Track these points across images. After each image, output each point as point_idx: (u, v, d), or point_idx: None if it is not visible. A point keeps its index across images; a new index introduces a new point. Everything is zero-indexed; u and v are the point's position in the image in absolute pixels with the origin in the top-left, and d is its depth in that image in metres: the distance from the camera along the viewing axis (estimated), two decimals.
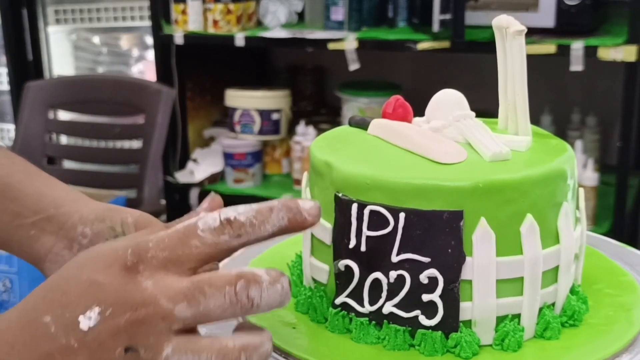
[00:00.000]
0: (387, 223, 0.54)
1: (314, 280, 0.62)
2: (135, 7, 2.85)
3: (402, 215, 0.54)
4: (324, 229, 0.59)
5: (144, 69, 3.01)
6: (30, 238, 0.67)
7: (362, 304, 0.57)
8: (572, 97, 2.43)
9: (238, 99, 2.44)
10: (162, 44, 2.40)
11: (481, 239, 0.54)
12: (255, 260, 0.69)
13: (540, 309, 0.57)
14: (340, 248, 0.57)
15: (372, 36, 2.19)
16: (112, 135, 2.43)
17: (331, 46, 2.19)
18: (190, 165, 2.51)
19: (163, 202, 2.42)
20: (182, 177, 2.47)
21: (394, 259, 0.55)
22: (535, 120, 1.85)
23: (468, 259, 0.54)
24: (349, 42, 2.17)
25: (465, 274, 0.54)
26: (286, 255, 0.68)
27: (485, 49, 2.08)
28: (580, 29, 2.01)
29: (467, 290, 0.55)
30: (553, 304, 0.58)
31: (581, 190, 0.60)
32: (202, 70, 2.57)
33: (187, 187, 2.46)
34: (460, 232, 0.54)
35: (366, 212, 0.55)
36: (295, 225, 0.48)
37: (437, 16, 2.01)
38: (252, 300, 0.46)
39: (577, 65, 1.95)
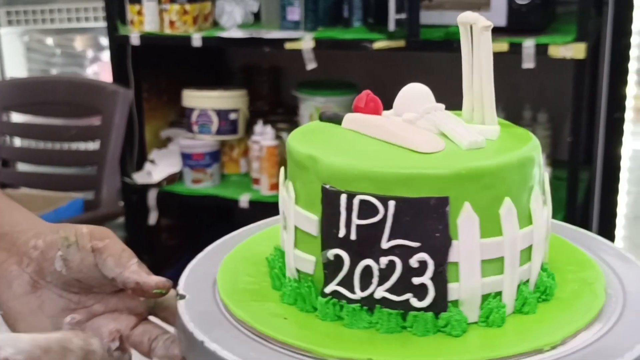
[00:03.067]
0: (376, 211, 0.56)
1: (299, 271, 0.63)
2: (90, 7, 2.83)
3: (391, 204, 0.56)
4: (310, 220, 0.60)
5: (99, 70, 2.99)
6: None
7: (352, 291, 0.59)
8: (523, 94, 2.48)
9: (195, 99, 2.44)
10: (118, 45, 2.39)
11: (465, 222, 0.57)
12: (229, 255, 0.70)
13: (518, 286, 0.61)
14: (329, 238, 0.59)
15: (328, 36, 2.22)
16: (68, 137, 2.42)
17: (288, 46, 2.21)
18: (147, 166, 2.50)
19: (121, 203, 2.41)
20: (139, 178, 2.46)
21: (385, 245, 0.57)
22: None
23: (454, 242, 0.57)
24: (306, 42, 2.19)
25: (452, 257, 0.57)
26: (259, 251, 0.69)
27: (439, 48, 2.12)
28: (531, 27, 2.06)
29: (454, 271, 0.57)
30: (527, 281, 0.62)
31: (546, 174, 0.64)
32: (158, 70, 2.56)
33: (145, 188, 2.45)
34: (446, 217, 0.56)
35: (355, 201, 0.57)
36: None
37: (392, 16, 2.04)
38: None
39: (528, 62, 1.99)
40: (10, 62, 2.98)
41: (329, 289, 0.60)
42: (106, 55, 2.80)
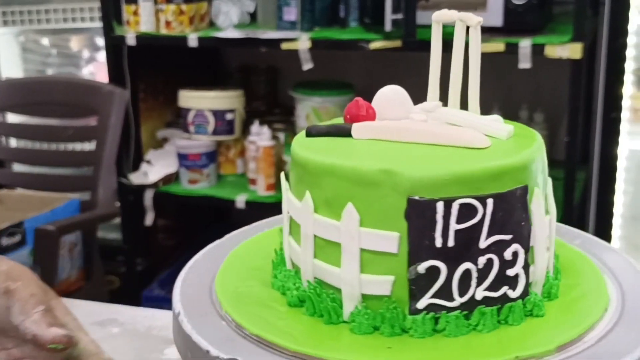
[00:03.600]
0: (475, 212, 0.57)
1: (367, 297, 0.60)
2: (85, 8, 2.82)
3: (489, 202, 0.57)
4: (387, 239, 0.58)
5: (95, 70, 2.98)
6: None
7: (451, 299, 0.58)
8: (520, 94, 2.48)
9: (192, 99, 2.44)
10: (114, 45, 2.39)
11: (537, 207, 0.60)
12: (226, 296, 0.65)
13: None
14: (419, 251, 0.57)
15: (325, 36, 2.21)
16: (64, 138, 2.41)
17: (285, 46, 2.21)
18: (144, 166, 2.50)
19: (117, 204, 2.40)
20: (136, 178, 2.46)
21: (483, 244, 0.57)
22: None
23: (532, 227, 0.60)
24: (303, 42, 2.19)
25: (531, 242, 0.61)
26: (252, 291, 0.65)
27: None
28: (527, 27, 2.06)
29: (531, 255, 0.61)
30: None
31: None
32: (154, 71, 2.56)
33: (142, 188, 2.45)
34: (527, 205, 0.59)
35: (455, 206, 0.56)
36: None
37: (389, 16, 2.04)
38: None
39: (525, 63, 1.99)
40: (5, 62, 2.98)
41: (421, 303, 0.58)
42: (102, 56, 2.79)
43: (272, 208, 2.38)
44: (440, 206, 0.56)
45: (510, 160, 0.58)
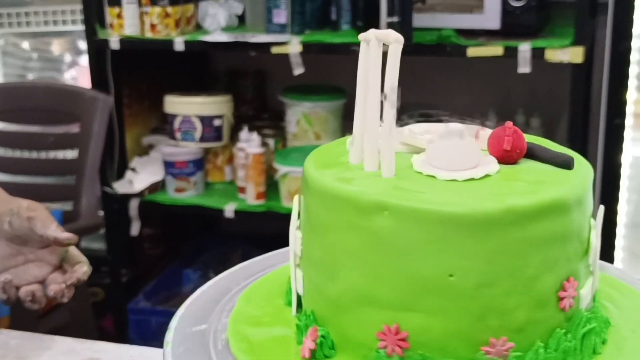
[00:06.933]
0: None
1: None
2: (67, 10, 2.73)
3: None
4: None
5: (77, 75, 2.90)
6: None
7: None
8: (516, 98, 2.42)
9: (178, 105, 2.36)
10: (97, 49, 2.30)
11: None
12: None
13: None
14: None
15: (317, 39, 2.14)
16: (46, 145, 2.33)
17: (275, 50, 2.13)
18: (128, 174, 2.41)
19: (101, 213, 2.32)
20: (120, 187, 2.37)
21: None
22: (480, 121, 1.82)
23: None
24: (293, 46, 2.11)
25: None
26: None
27: (432, 52, 2.06)
28: (525, 30, 2.01)
29: None
30: None
31: None
32: (138, 75, 2.48)
33: (126, 197, 2.37)
34: None
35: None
36: None
37: (384, 19, 1.97)
38: None
39: (524, 67, 1.93)
40: None
41: None
42: (85, 60, 2.70)
43: (262, 217, 2.31)
44: None
45: None
